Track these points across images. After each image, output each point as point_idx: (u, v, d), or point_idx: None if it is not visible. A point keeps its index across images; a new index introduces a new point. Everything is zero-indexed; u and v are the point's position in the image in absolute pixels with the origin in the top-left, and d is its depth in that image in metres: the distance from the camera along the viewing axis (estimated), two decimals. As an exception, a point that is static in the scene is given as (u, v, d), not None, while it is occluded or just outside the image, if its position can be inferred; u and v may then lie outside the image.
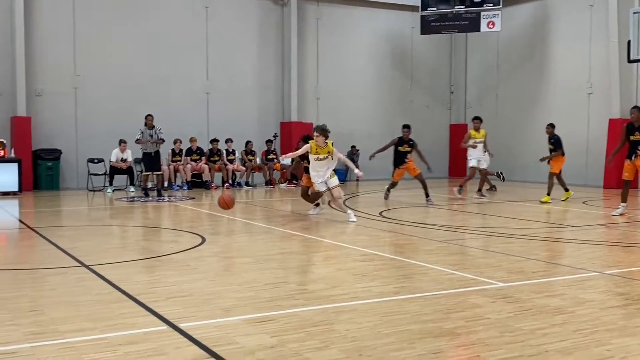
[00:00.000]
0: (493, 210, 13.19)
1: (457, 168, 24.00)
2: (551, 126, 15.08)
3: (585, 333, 4.64)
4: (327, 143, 11.13)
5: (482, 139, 15.46)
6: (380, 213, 12.40)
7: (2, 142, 16.45)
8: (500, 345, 4.34)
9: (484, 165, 15.59)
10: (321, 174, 11.22)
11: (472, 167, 15.37)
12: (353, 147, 22.07)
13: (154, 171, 15.99)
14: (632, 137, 11.56)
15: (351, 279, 6.43)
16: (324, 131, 11.13)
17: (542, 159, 15.04)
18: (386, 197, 14.94)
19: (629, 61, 15.61)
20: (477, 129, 15.48)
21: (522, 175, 20.71)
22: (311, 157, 11.29)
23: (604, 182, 18.30)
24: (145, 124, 15.61)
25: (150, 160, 15.78)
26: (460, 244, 8.84)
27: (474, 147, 15.40)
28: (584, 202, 14.40)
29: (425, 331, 4.64)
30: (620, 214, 11.61)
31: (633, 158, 11.50)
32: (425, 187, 14.16)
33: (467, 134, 15.82)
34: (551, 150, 14.79)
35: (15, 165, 16.30)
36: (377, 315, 5.08)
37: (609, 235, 10.01)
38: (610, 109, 18.47)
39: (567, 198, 14.53)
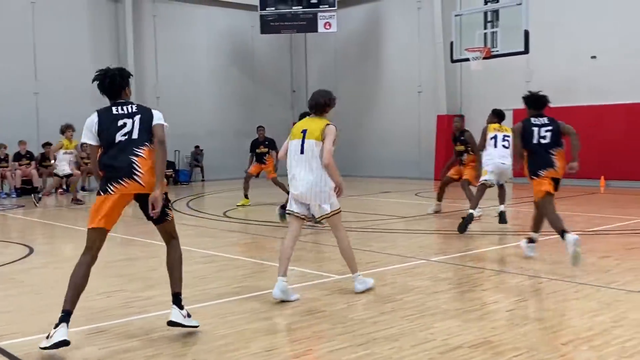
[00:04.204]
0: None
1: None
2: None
3: (412, 319, 4.94)
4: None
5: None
6: (224, 213, 12.35)
7: None
8: (332, 337, 4.50)
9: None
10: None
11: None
12: (197, 147, 21.81)
13: None
14: (456, 148, 11.22)
15: (191, 283, 6.33)
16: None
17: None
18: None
19: (452, 61, 16.78)
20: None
21: (362, 169, 21.57)
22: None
23: (434, 174, 19.54)
24: None
25: None
26: (301, 240, 9.01)
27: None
28: (416, 194, 15.28)
29: (262, 329, 4.70)
30: (436, 212, 11.46)
31: (460, 165, 11.17)
32: (285, 189, 11.92)
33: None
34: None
35: None
36: (215, 317, 5.07)
37: (438, 224, 10.69)
38: (437, 106, 19.76)
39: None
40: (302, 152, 5.69)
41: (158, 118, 4.69)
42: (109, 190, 4.42)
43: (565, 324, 4.73)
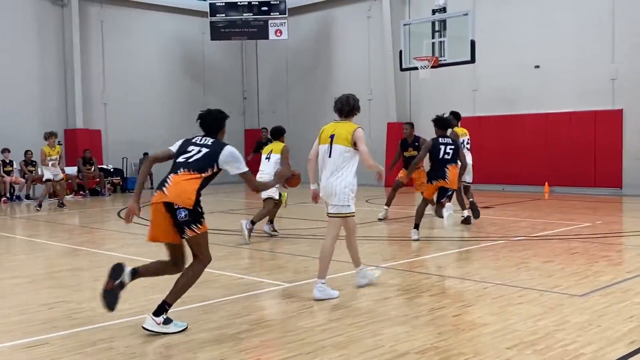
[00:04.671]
0: (288, 213, 13.56)
1: (253, 172, 24.40)
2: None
3: (360, 325, 4.95)
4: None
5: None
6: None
7: None
8: (281, 346, 4.48)
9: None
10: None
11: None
12: (146, 154, 21.44)
13: None
14: (406, 154, 11.71)
15: (138, 293, 6.22)
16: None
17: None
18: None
19: (401, 69, 16.98)
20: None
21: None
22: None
23: (385, 181, 19.69)
24: None
25: None
26: (251, 248, 8.98)
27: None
28: (367, 201, 15.38)
29: (209, 339, 4.64)
30: (385, 217, 11.73)
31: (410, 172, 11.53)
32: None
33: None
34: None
35: None
36: (161, 327, 4.97)
37: (388, 230, 10.78)
38: (387, 113, 19.97)
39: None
40: (330, 155, 5.90)
41: (237, 164, 5.01)
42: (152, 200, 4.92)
43: (509, 328, 4.82)
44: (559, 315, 5.15)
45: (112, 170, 19.97)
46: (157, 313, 4.76)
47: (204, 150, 4.96)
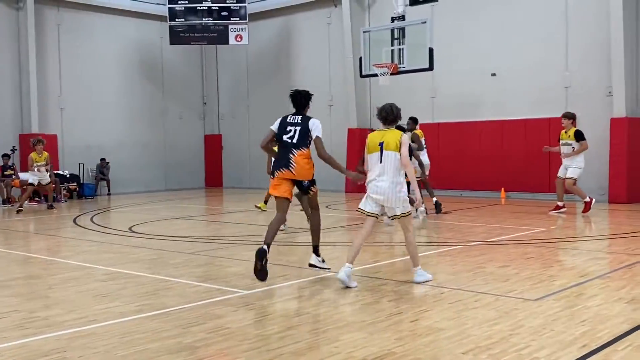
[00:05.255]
0: (248, 219, 13.51)
1: (213, 178, 24.25)
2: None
3: (318, 332, 4.94)
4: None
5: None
6: (130, 228, 12.01)
7: None
8: (238, 354, 4.44)
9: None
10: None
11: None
12: (103, 159, 21.12)
13: None
14: None
15: (90, 301, 6.11)
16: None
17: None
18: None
19: (361, 76, 17.08)
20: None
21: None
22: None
23: (345, 187, 19.79)
24: None
25: None
26: (209, 255, 8.90)
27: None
28: (327, 207, 15.40)
29: (164, 348, 4.57)
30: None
31: None
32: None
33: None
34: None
35: None
36: (114, 337, 4.89)
37: (348, 236, 10.81)
38: (348, 119, 20.06)
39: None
40: (381, 161, 6.53)
41: (315, 130, 6.77)
42: (275, 175, 6.77)
43: (466, 333, 4.87)
44: (513, 319, 5.23)
45: (68, 176, 19.58)
46: (317, 254, 7.03)
47: (298, 128, 6.69)
